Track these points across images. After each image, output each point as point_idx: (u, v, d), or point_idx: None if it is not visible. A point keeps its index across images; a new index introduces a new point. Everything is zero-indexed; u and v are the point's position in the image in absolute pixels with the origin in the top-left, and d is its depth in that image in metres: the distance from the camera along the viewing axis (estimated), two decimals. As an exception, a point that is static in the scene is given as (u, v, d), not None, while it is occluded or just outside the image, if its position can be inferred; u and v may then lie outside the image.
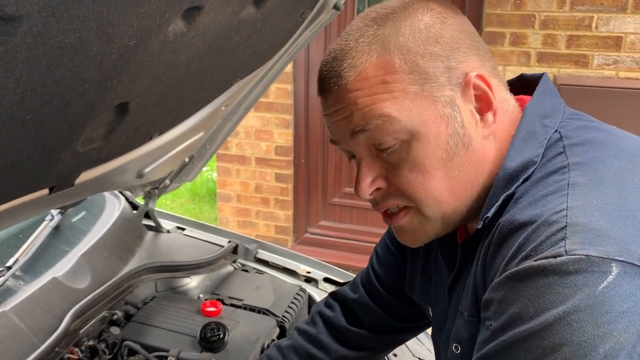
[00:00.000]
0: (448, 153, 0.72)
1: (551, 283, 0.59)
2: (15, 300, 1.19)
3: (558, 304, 0.58)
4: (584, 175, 0.67)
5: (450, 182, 0.74)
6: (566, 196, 0.65)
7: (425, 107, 0.71)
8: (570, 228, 0.61)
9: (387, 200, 0.77)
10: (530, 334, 0.60)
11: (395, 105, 0.71)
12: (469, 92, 0.73)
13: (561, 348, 0.57)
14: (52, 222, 1.52)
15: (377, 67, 0.71)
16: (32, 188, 0.98)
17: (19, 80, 0.62)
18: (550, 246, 0.61)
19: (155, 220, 1.83)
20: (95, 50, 0.70)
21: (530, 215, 0.65)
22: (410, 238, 0.81)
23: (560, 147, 0.72)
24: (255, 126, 3.86)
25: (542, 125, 0.75)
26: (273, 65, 1.50)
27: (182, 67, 1.01)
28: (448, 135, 0.72)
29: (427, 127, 0.71)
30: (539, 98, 0.78)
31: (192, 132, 1.52)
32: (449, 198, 0.74)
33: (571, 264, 0.59)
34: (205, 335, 1.26)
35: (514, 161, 0.73)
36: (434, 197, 0.74)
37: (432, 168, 0.73)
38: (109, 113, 0.96)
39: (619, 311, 0.57)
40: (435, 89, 0.72)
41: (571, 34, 3.09)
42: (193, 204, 5.55)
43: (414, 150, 0.72)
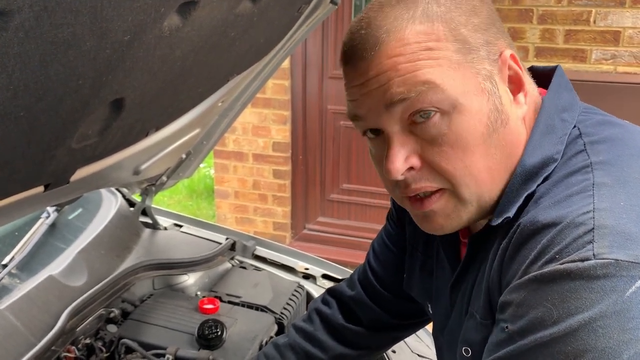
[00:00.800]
0: (489, 128, 0.68)
1: (577, 288, 0.57)
2: (12, 298, 1.18)
3: (584, 309, 0.56)
4: (609, 175, 0.65)
5: (489, 160, 0.69)
6: (592, 197, 0.62)
7: (468, 78, 0.68)
8: (598, 231, 0.59)
9: (419, 182, 0.71)
10: (552, 339, 0.58)
11: (439, 72, 0.67)
12: (504, 70, 0.71)
13: (585, 355, 0.56)
14: (48, 220, 1.51)
15: (420, 34, 0.67)
16: (27, 185, 0.97)
17: (11, 76, 0.61)
18: (577, 249, 0.59)
19: (152, 217, 1.82)
20: (89, 45, 0.69)
21: (555, 217, 0.62)
22: (441, 224, 0.74)
23: (580, 144, 0.70)
24: (252, 122, 3.84)
25: (560, 120, 0.72)
26: (270, 60, 1.49)
27: (177, 62, 1.00)
28: (489, 109, 0.68)
29: (469, 98, 0.68)
30: (556, 91, 0.76)
31: (188, 128, 1.51)
32: (487, 178, 0.70)
33: (599, 269, 0.57)
34: (203, 333, 1.25)
35: (533, 157, 0.70)
36: (473, 176, 0.69)
37: (473, 144, 0.68)
38: (104, 109, 0.95)
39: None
40: (476, 61, 0.69)
41: (569, 28, 3.08)
42: (191, 201, 5.54)
43: (454, 123, 0.68)
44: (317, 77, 3.70)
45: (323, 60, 3.68)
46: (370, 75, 0.69)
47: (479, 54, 0.69)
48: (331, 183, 3.95)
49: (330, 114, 3.76)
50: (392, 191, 0.76)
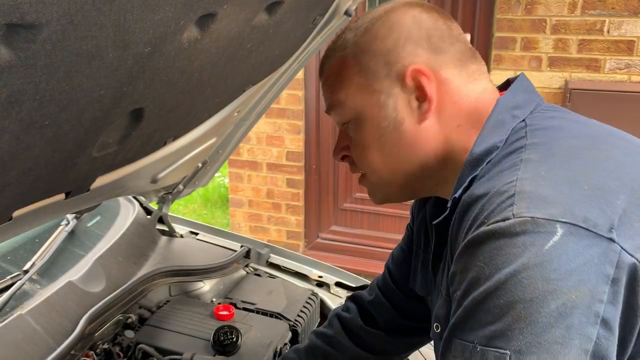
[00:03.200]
0: (380, 133, 0.86)
1: (502, 245, 0.64)
2: (32, 303, 1.21)
3: (508, 263, 0.63)
4: (537, 152, 0.74)
5: (384, 156, 0.87)
6: (518, 170, 0.71)
7: (366, 95, 0.86)
8: (518, 195, 0.67)
9: (351, 167, 0.95)
10: (487, 294, 0.64)
11: (345, 93, 0.87)
12: (407, 83, 0.84)
13: (515, 305, 0.61)
14: (67, 227, 1.54)
15: (340, 64, 0.88)
16: (49, 193, 0.99)
17: (37, 86, 0.64)
18: (500, 212, 0.66)
19: (168, 225, 1.85)
20: (112, 56, 0.72)
21: (486, 188, 0.72)
22: (371, 196, 0.96)
23: (523, 132, 0.79)
24: (266, 132, 3.88)
25: (511, 116, 0.82)
26: (284, 71, 1.51)
27: (195, 73, 1.03)
28: (381, 117, 0.85)
29: (365, 111, 0.86)
30: (512, 92, 0.86)
31: (205, 137, 1.54)
32: (384, 169, 0.88)
33: (518, 226, 0.64)
34: (219, 339, 1.27)
35: (480, 147, 0.80)
36: (372, 168, 0.90)
37: (369, 145, 0.87)
38: (124, 118, 0.98)
39: (567, 269, 0.61)
40: (374, 80, 0.85)
41: (582, 38, 3.08)
42: (205, 210, 5.58)
43: (356, 130, 0.89)
44: (330, 87, 3.73)
45: (337, 71, 3.71)
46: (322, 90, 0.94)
47: (377, 74, 0.85)
48: (344, 192, 3.97)
49: (343, 123, 3.78)
50: None
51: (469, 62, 0.86)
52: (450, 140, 0.85)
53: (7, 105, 0.63)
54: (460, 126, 0.85)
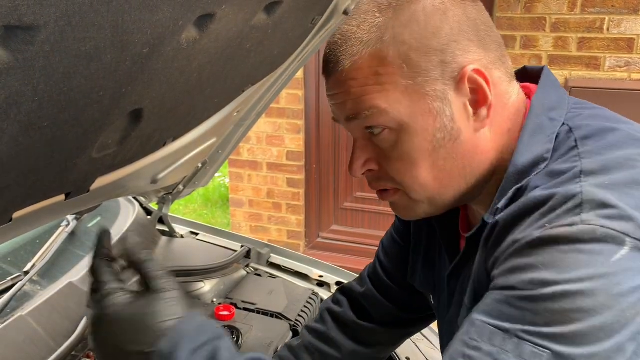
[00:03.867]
0: (434, 145, 0.74)
1: (566, 250, 0.60)
2: (33, 304, 1.21)
3: (572, 269, 0.59)
4: (595, 162, 0.68)
5: (436, 171, 0.76)
6: (580, 181, 0.66)
7: (415, 100, 0.73)
8: (586, 204, 0.62)
9: (378, 182, 0.81)
10: (541, 296, 0.60)
11: (385, 97, 0.72)
12: (463, 86, 0.73)
13: (569, 314, 0.58)
14: (68, 228, 1.54)
15: (372, 58, 0.72)
16: (49, 194, 0.99)
17: (36, 88, 0.64)
18: (567, 218, 0.62)
19: (169, 226, 1.85)
20: (110, 57, 0.72)
21: (545, 196, 0.66)
22: (402, 213, 0.84)
23: (572, 140, 0.73)
24: (266, 132, 3.88)
25: (549, 119, 0.76)
26: (284, 71, 1.51)
27: (194, 73, 1.03)
28: (435, 129, 0.74)
29: (415, 120, 0.73)
30: (543, 91, 0.79)
31: (204, 138, 1.54)
32: (434, 185, 0.77)
33: (587, 233, 0.60)
34: (219, 339, 1.27)
35: (524, 157, 0.73)
36: (419, 185, 0.77)
37: (418, 159, 0.75)
38: (123, 119, 0.98)
39: (631, 286, 0.58)
40: (426, 83, 0.72)
41: (582, 36, 3.08)
42: (206, 210, 5.58)
43: (401, 140, 0.74)
44: (330, 87, 3.73)
45: (336, 70, 3.71)
46: (334, 91, 0.77)
47: (430, 76, 0.72)
48: (345, 191, 3.97)
49: (343, 123, 3.78)
50: None
51: (506, 59, 0.78)
52: (501, 147, 0.78)
53: (5, 107, 0.63)
54: (510, 131, 0.77)
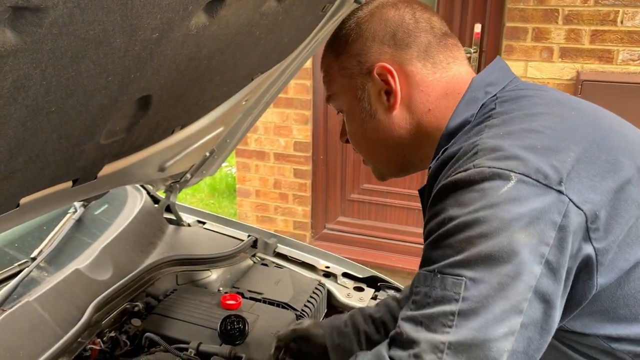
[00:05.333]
0: (361, 123, 1.00)
1: (463, 191, 0.75)
2: (39, 290, 1.21)
3: (469, 205, 0.73)
4: (500, 118, 0.85)
5: (368, 141, 1.02)
6: (482, 133, 0.83)
7: (348, 90, 0.99)
8: (480, 152, 0.78)
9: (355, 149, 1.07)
10: (450, 231, 0.74)
11: (335, 88, 1.01)
12: (375, 78, 0.96)
13: (473, 240, 0.72)
14: (75, 215, 1.54)
15: (328, 64, 1.02)
16: (56, 180, 0.99)
17: (44, 72, 0.63)
18: (464, 165, 0.78)
19: (176, 214, 1.85)
20: (119, 42, 0.71)
21: (454, 150, 0.84)
22: (374, 175, 1.09)
23: (492, 104, 0.89)
24: (274, 122, 3.86)
25: (484, 92, 0.92)
26: (293, 60, 1.50)
27: (204, 61, 1.01)
28: (359, 110, 0.99)
29: (349, 104, 1.00)
30: (486, 72, 0.96)
31: (212, 126, 1.53)
32: (371, 152, 1.04)
33: (477, 174, 0.75)
34: (225, 328, 1.26)
35: (453, 122, 0.91)
36: (361, 151, 1.05)
37: (355, 133, 1.03)
38: (131, 106, 0.97)
39: (518, 212, 0.71)
40: (351, 78, 0.98)
41: (595, 29, 3.03)
42: (212, 199, 5.58)
43: (346, 118, 1.03)
44: (339, 77, 3.70)
45: (345, 60, 3.68)
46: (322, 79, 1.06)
47: (353, 72, 0.98)
48: (352, 183, 3.95)
49: (351, 114, 3.76)
50: None
51: (435, 53, 0.96)
52: (423, 123, 0.96)
53: (13, 91, 0.62)
54: (432, 110, 0.96)
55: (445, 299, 0.72)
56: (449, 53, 0.97)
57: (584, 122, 0.84)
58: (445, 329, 0.71)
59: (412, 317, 0.75)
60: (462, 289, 0.71)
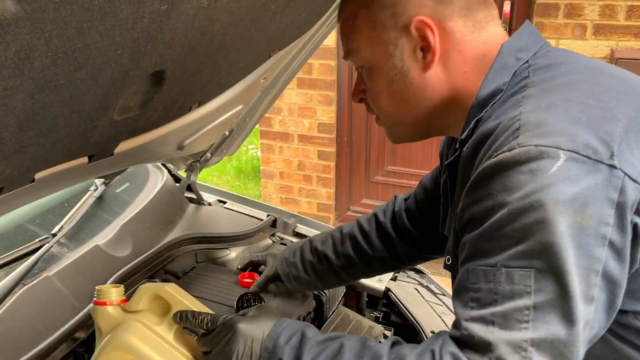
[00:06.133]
0: (389, 81, 0.92)
1: (509, 173, 0.70)
2: (59, 266, 1.23)
3: (518, 189, 0.69)
4: (538, 88, 0.80)
5: (393, 101, 0.94)
6: (521, 106, 0.77)
7: (377, 45, 0.91)
8: (522, 127, 0.73)
9: (369, 109, 1.01)
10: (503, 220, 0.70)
11: (357, 42, 0.93)
12: (412, 33, 0.88)
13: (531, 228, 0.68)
14: (96, 192, 1.56)
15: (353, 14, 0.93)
16: (71, 155, 0.99)
17: (48, 42, 0.62)
18: (506, 144, 0.72)
19: (196, 193, 1.86)
20: (126, 13, 0.70)
21: (492, 126, 0.78)
22: (388, 137, 1.03)
23: (526, 72, 0.84)
24: (298, 103, 3.85)
25: (515, 59, 0.87)
26: (312, 36, 1.47)
27: (217, 35, 1.00)
28: (389, 67, 0.91)
29: (376, 60, 0.92)
30: (516, 37, 0.90)
31: (231, 104, 1.52)
32: (395, 113, 0.96)
33: (523, 154, 0.70)
34: (242, 306, 1.27)
35: (484, 90, 0.86)
36: (382, 111, 0.97)
37: (380, 91, 0.95)
38: (144, 81, 0.96)
39: (571, 192, 0.67)
40: (383, 31, 0.90)
41: (632, 4, 2.92)
42: (238, 181, 5.62)
43: (369, 76, 0.95)
44: (364, 57, 3.66)
45: (370, 40, 3.63)
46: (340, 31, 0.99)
47: (386, 26, 0.89)
48: (376, 165, 3.92)
49: (376, 94, 3.72)
50: None
51: (475, 10, 0.89)
52: (457, 86, 0.90)
53: (17, 62, 0.61)
54: (467, 73, 0.89)
55: (516, 294, 0.68)
56: (488, 12, 0.91)
57: (626, 90, 0.79)
58: (522, 325, 0.68)
59: (480, 317, 0.71)
60: (532, 281, 0.68)
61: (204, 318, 0.92)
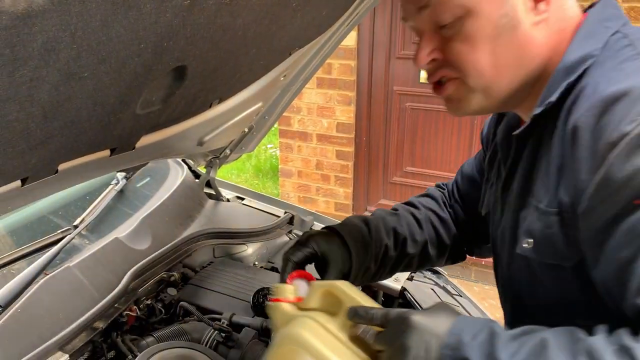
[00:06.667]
0: (496, 32, 0.80)
1: None
2: (80, 257, 1.25)
3: None
4: None
5: (495, 58, 0.81)
6: None
7: None
8: None
9: (439, 70, 0.86)
10: None
11: None
12: None
13: None
14: (117, 186, 1.58)
15: None
16: (94, 148, 1.01)
17: (74, 35, 0.64)
18: None
19: (215, 189, 1.88)
20: (150, 7, 0.71)
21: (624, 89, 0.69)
22: (456, 107, 0.89)
23: (625, 42, 0.78)
24: (317, 103, 3.85)
25: (603, 27, 0.81)
26: (332, 35, 1.48)
27: (239, 32, 1.01)
28: (499, 15, 0.80)
29: (480, 5, 0.80)
30: (601, 6, 0.85)
31: (251, 101, 1.53)
32: (491, 72, 0.82)
33: None
34: (258, 300, 1.28)
35: (573, 54, 0.80)
36: (478, 69, 0.82)
37: (480, 43, 0.81)
38: (166, 76, 0.98)
39: None
40: None
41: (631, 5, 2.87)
42: (257, 180, 5.65)
43: (466, 25, 0.81)
44: (384, 58, 3.65)
45: (391, 41, 3.62)
46: None
47: None
48: (394, 165, 3.91)
49: (396, 95, 3.70)
50: None
51: None
52: (553, 45, 0.82)
53: (43, 53, 0.63)
54: (562, 31, 0.83)
55: None
56: None
57: None
58: None
59: None
60: None
61: (376, 313, 0.83)
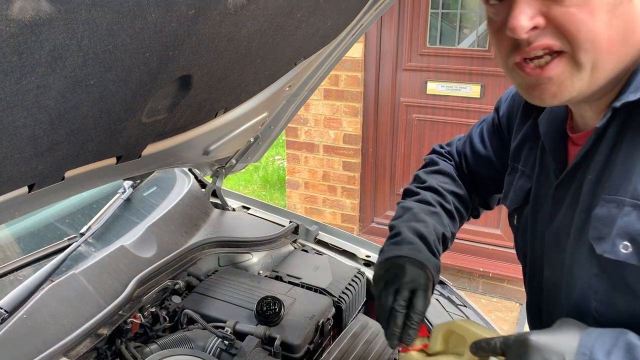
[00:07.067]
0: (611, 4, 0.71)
1: None
2: (86, 264, 1.26)
3: None
4: None
5: (611, 30, 0.72)
6: None
7: None
8: None
9: (542, 39, 0.73)
10: None
11: None
12: None
13: None
14: (124, 195, 1.60)
15: None
16: (100, 156, 1.03)
17: (80, 42, 0.65)
18: None
19: (221, 198, 1.89)
20: (155, 17, 0.73)
21: None
22: (554, 92, 0.77)
23: None
24: (324, 114, 3.87)
25: None
26: (337, 45, 1.49)
27: (243, 42, 1.02)
28: None
29: None
30: None
31: (256, 111, 1.54)
32: (605, 47, 0.72)
33: None
34: (261, 309, 1.28)
35: None
36: (593, 41, 0.71)
37: (600, 11, 0.70)
38: (172, 85, 0.99)
39: None
40: None
41: None
42: (264, 191, 5.66)
43: None
44: (390, 69, 3.66)
45: (398, 52, 3.64)
46: None
47: None
48: (401, 177, 3.91)
49: (403, 106, 3.71)
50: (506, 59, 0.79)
51: None
52: None
53: (50, 60, 0.64)
54: None
55: None
56: None
57: None
58: None
59: None
60: None
61: (496, 342, 0.82)
